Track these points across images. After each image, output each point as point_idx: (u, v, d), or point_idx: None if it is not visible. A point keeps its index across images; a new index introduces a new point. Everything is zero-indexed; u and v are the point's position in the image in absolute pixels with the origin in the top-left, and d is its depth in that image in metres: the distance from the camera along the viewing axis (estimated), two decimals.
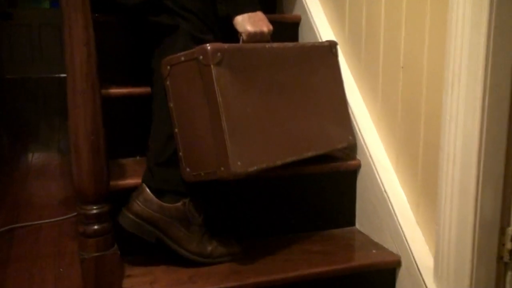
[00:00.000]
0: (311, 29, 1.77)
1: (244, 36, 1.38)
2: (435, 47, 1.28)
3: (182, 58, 1.28)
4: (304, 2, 1.83)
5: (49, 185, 2.44)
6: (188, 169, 1.31)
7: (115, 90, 1.53)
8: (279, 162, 1.33)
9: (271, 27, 1.42)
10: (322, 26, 1.74)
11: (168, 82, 1.31)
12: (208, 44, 1.23)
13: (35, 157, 2.91)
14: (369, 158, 1.50)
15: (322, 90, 1.47)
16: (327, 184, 1.54)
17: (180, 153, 1.31)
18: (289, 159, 1.36)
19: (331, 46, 1.52)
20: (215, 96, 1.22)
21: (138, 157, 1.58)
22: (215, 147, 1.25)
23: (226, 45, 1.25)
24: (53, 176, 2.57)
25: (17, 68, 5.92)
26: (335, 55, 1.53)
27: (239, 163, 1.24)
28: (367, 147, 1.51)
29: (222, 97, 1.23)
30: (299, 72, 1.42)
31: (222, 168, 1.24)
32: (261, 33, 1.39)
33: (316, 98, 1.46)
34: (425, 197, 1.36)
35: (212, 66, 1.22)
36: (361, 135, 1.53)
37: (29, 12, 5.97)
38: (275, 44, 1.37)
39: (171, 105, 1.31)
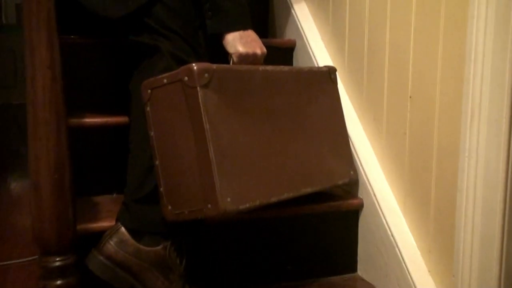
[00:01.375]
0: (307, 54, 1.63)
1: (234, 58, 1.24)
2: (450, 74, 1.14)
3: (165, 80, 1.12)
4: (299, 26, 1.70)
5: (26, 217, 2.25)
6: (170, 207, 1.14)
7: (89, 120, 1.37)
8: (274, 199, 1.17)
9: (264, 50, 1.28)
10: (319, 52, 1.61)
11: (148, 108, 1.15)
12: (194, 64, 1.08)
13: (14, 186, 2.72)
14: (373, 197, 1.34)
15: (320, 119, 1.32)
16: (326, 226, 1.38)
17: (161, 189, 1.14)
18: (285, 195, 1.20)
19: (330, 72, 1.38)
20: (201, 122, 1.07)
21: (115, 194, 1.41)
22: (202, 181, 1.08)
23: (214, 66, 1.10)
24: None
25: (0, 94, 5.75)
26: (334, 82, 1.39)
27: (228, 199, 1.07)
28: (370, 185, 1.36)
29: (209, 123, 1.07)
30: (295, 99, 1.27)
31: (210, 206, 1.07)
32: (254, 55, 1.24)
33: (315, 128, 1.30)
34: (438, 243, 1.19)
35: (198, 88, 1.07)
36: (364, 170, 1.38)
37: (13, 37, 5.82)
38: (269, 67, 1.23)
39: (152, 133, 1.15)
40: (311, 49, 1.62)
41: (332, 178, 1.32)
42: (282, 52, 1.70)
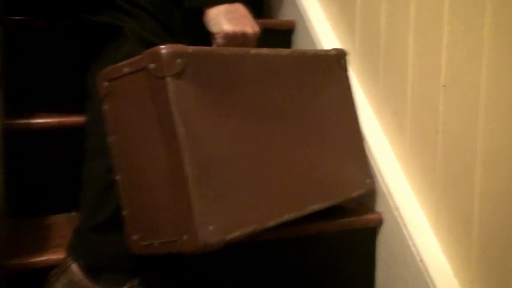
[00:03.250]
0: (308, 37, 1.36)
1: (219, 39, 0.96)
2: (500, 55, 0.87)
3: (126, 69, 0.85)
4: (298, 5, 1.42)
5: None
6: (135, 236, 0.87)
7: (39, 120, 1.09)
8: (272, 222, 0.90)
9: (257, 28, 1.00)
10: (324, 34, 1.33)
11: (106, 106, 0.88)
12: (162, 46, 0.80)
13: None
14: (395, 211, 1.07)
15: (329, 116, 1.05)
16: (336, 248, 1.11)
17: (125, 212, 0.87)
18: (286, 216, 0.93)
19: (339, 57, 1.11)
20: (173, 124, 0.79)
21: (74, 213, 1.13)
22: (175, 203, 0.81)
23: (190, 48, 0.83)
24: None
25: None
26: (344, 69, 1.11)
27: (211, 227, 0.80)
28: (391, 196, 1.09)
29: (184, 126, 0.80)
30: (298, 91, 1.00)
31: (186, 237, 0.80)
32: (243, 35, 0.97)
33: (322, 127, 1.03)
34: (484, 271, 0.93)
35: (168, 78, 0.79)
36: (382, 179, 1.11)
37: None
38: (263, 50, 0.95)
39: (111, 139, 0.88)
40: (313, 30, 1.34)
41: (344, 190, 1.05)
42: (279, 35, 1.43)
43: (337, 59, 1.10)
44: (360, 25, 1.24)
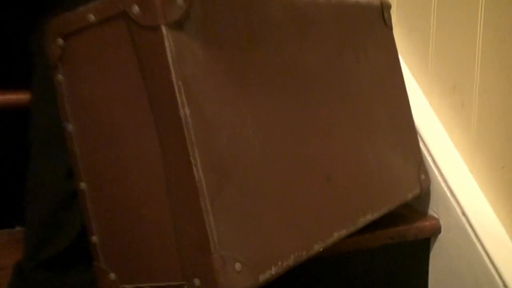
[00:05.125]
0: None
1: None
2: None
3: (91, 17, 0.53)
4: None
5: None
6: (112, 276, 0.56)
7: None
8: (318, 246, 0.61)
9: None
10: None
11: (61, 77, 0.57)
12: None
13: None
14: (461, 216, 0.80)
15: (374, 90, 0.76)
16: (380, 264, 0.83)
17: (94, 238, 0.57)
18: (336, 235, 0.63)
19: (383, 9, 0.82)
20: (173, 103, 0.49)
21: (17, 228, 0.82)
22: (179, 227, 0.51)
23: None
24: None
25: None
26: (389, 27, 0.82)
27: (237, 265, 0.51)
28: (454, 197, 0.81)
29: (191, 105, 0.50)
30: (337, 53, 0.70)
31: (198, 282, 0.50)
32: None
33: (368, 105, 0.74)
34: None
35: (164, 29, 0.49)
36: (441, 174, 0.83)
37: None
38: None
39: (70, 128, 0.57)
40: None
41: (399, 190, 0.76)
42: None
43: (381, 12, 0.81)
44: None
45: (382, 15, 0.81)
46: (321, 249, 0.61)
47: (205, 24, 0.53)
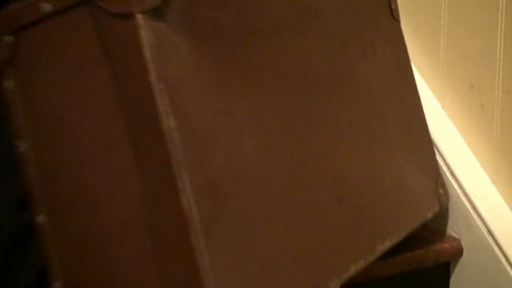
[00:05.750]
0: None
1: None
2: None
3: (46, 7, 0.42)
4: None
5: None
6: None
7: None
8: (333, 285, 0.50)
9: None
10: None
11: (9, 82, 0.45)
12: None
13: None
14: (486, 235, 0.70)
15: (384, 91, 0.66)
16: None
17: (56, 285, 0.45)
18: (353, 268, 0.53)
19: None
20: (153, 111, 0.38)
21: None
22: (165, 266, 0.40)
23: None
24: None
25: None
26: (397, 19, 0.72)
27: None
28: (478, 214, 0.71)
29: (176, 113, 0.39)
30: (343, 48, 0.60)
31: None
32: None
33: (378, 109, 0.64)
34: None
35: (139, 18, 0.38)
36: (460, 187, 0.73)
37: None
38: None
39: (24, 146, 0.45)
40: None
41: (418, 209, 0.66)
42: None
43: (388, 4, 0.71)
44: None
45: (390, 6, 0.71)
46: (338, 287, 0.50)
47: (191, 13, 0.42)
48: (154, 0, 0.39)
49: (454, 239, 0.74)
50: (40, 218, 0.45)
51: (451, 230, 0.75)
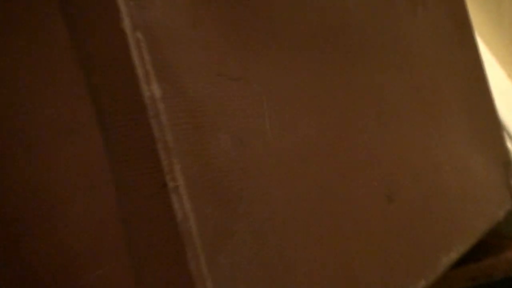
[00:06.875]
0: None
1: None
2: None
3: None
4: None
5: None
6: None
7: None
8: None
9: None
10: None
11: None
12: None
13: None
14: None
15: (438, 56, 0.53)
16: None
17: None
18: None
19: None
20: (131, 71, 0.26)
21: None
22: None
23: None
24: None
25: None
26: None
27: None
28: None
29: (162, 77, 0.26)
30: (389, 2, 0.47)
31: None
32: None
33: (431, 78, 0.51)
34: None
35: None
36: None
37: None
38: None
39: None
40: None
41: (486, 207, 0.52)
42: None
43: None
44: None
45: None
46: None
47: None
48: None
49: None
50: None
51: None
